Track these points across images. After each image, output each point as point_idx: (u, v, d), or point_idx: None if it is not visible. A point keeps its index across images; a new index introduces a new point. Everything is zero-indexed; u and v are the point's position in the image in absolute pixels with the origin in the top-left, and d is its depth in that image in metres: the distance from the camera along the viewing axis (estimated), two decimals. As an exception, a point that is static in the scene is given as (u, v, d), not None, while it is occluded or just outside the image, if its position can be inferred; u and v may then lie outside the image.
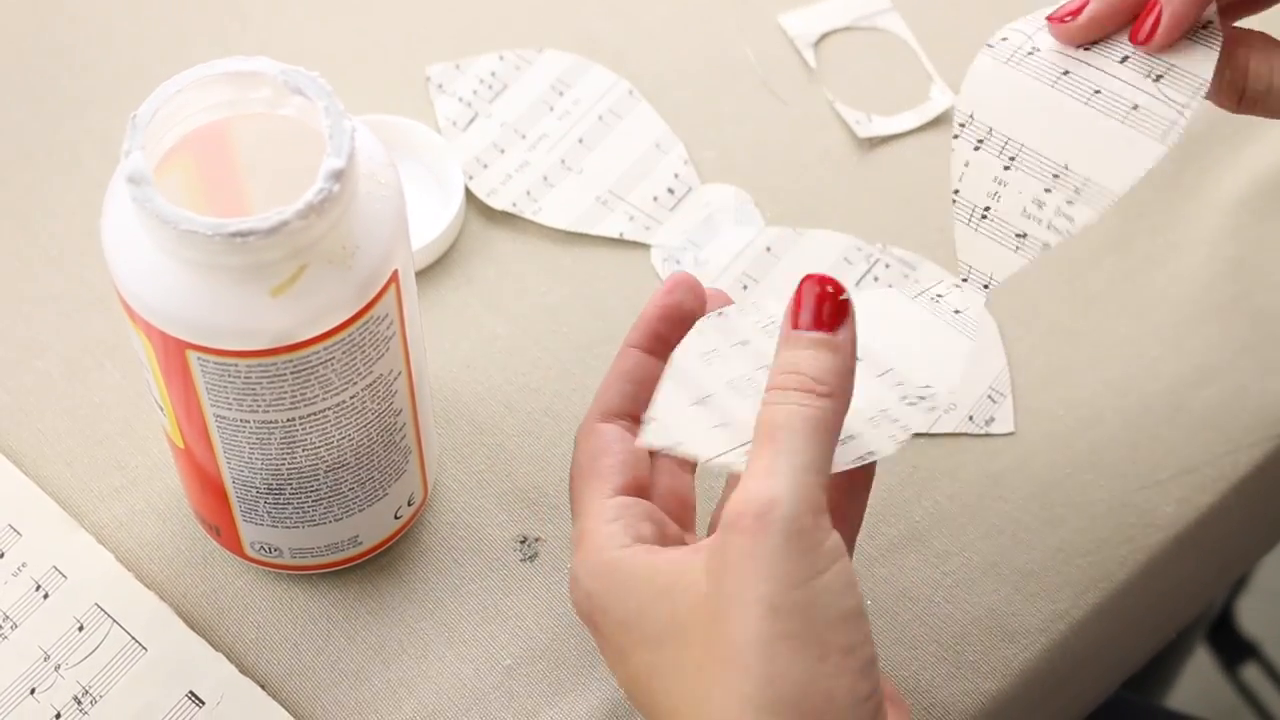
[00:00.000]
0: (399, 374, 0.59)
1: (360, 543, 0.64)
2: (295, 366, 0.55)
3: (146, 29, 0.79)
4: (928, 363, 0.55)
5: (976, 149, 0.57)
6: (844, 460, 0.52)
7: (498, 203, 0.74)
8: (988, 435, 0.69)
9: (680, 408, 0.54)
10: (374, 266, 0.55)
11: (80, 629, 0.63)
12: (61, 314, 0.71)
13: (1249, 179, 0.75)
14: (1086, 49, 0.58)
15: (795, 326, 0.51)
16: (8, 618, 0.63)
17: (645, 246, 0.73)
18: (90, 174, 0.74)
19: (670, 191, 0.74)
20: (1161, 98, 0.57)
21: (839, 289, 0.52)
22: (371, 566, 0.65)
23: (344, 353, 0.56)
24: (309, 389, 0.56)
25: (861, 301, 0.54)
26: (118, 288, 0.55)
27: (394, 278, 0.56)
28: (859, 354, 0.52)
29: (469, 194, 0.74)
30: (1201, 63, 0.57)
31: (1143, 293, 0.73)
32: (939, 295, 0.57)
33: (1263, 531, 0.74)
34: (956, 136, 0.58)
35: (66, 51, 0.78)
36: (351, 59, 0.78)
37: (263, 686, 0.62)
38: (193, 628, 0.63)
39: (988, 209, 0.57)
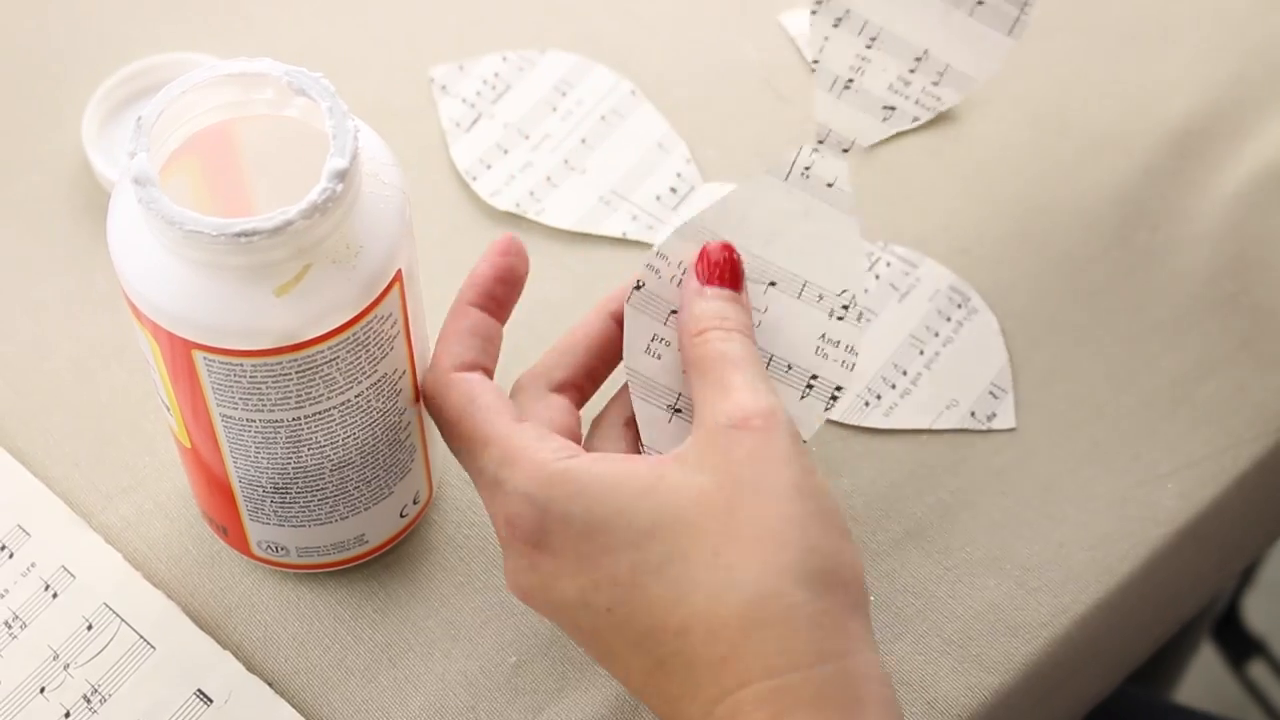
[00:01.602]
0: (404, 373, 0.59)
1: (366, 541, 0.64)
2: (300, 366, 0.55)
3: (152, 31, 0.79)
4: (828, 260, 0.59)
5: (835, 26, 0.61)
6: (815, 412, 0.59)
7: (501, 203, 0.74)
8: (990, 431, 0.69)
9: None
10: (378, 266, 0.55)
11: (89, 628, 0.63)
12: (69, 315, 0.71)
13: (1250, 173, 0.76)
14: None
15: (709, 283, 0.59)
16: (17, 617, 0.64)
17: (648, 246, 0.73)
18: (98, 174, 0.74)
19: (673, 191, 0.75)
20: None
21: (735, 253, 0.59)
22: (377, 565, 0.66)
23: (349, 352, 0.56)
24: (314, 388, 0.56)
25: (741, 199, 0.60)
26: (124, 288, 0.56)
27: (398, 277, 0.56)
28: (771, 275, 0.60)
29: (473, 195, 0.74)
30: None
31: (1143, 288, 0.73)
32: (807, 169, 0.60)
33: (1264, 526, 0.74)
34: (814, 12, 0.61)
35: (72, 52, 0.78)
36: (355, 60, 0.78)
37: (270, 684, 0.63)
38: (200, 626, 0.64)
39: (850, 81, 0.60)
